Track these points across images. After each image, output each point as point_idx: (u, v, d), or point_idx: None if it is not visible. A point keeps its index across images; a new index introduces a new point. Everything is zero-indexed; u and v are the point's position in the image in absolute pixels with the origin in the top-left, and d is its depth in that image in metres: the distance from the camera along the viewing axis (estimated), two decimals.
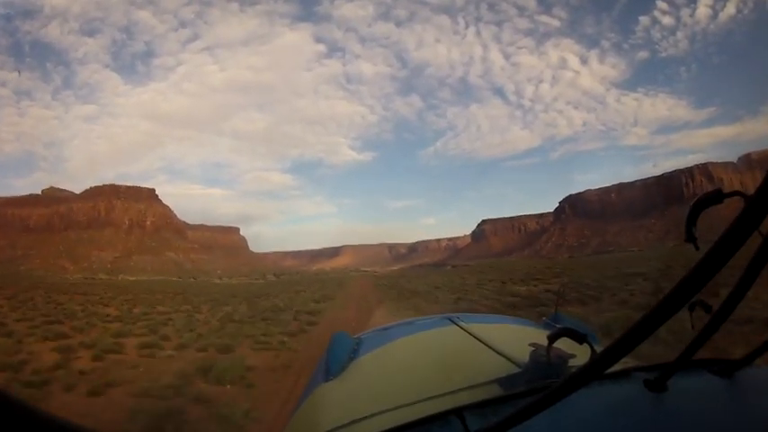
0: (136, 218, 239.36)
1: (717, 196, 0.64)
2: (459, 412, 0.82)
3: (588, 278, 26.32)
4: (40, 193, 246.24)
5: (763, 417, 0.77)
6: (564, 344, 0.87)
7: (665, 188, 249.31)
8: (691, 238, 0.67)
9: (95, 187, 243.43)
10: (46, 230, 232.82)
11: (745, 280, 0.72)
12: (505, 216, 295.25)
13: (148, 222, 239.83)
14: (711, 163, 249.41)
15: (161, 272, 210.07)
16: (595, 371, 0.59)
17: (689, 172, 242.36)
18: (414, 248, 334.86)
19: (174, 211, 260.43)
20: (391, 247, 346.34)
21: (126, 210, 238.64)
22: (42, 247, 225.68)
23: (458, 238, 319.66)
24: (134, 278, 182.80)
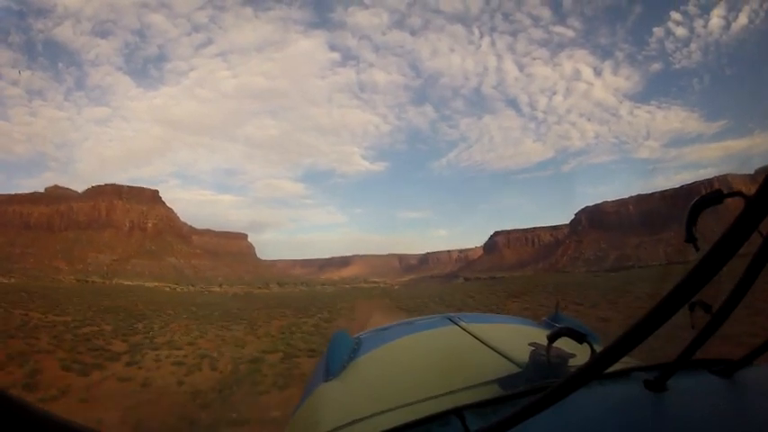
0: (137, 220, 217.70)
1: (717, 196, 0.63)
2: (459, 412, 0.79)
3: None
4: (43, 191, 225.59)
5: (763, 417, 0.74)
6: (564, 344, 0.84)
7: (685, 200, 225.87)
8: (691, 238, 0.65)
9: (97, 186, 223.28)
10: (46, 229, 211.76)
11: (746, 280, 0.70)
12: (518, 228, 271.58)
13: (150, 225, 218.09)
14: (731, 175, 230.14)
15: (159, 277, 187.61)
16: (595, 371, 0.56)
17: (709, 183, 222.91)
18: (424, 260, 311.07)
19: (185, 216, 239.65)
20: (401, 257, 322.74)
21: (127, 211, 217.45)
22: (41, 247, 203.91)
23: (469, 249, 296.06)
24: (130, 283, 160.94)
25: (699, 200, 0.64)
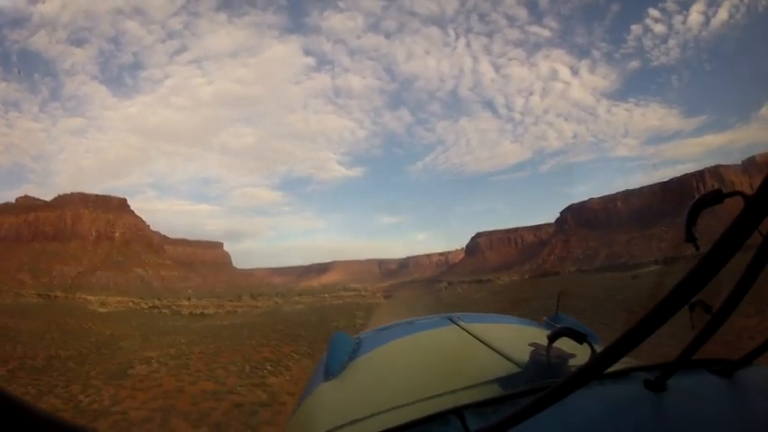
0: (104, 229, 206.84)
1: (717, 196, 0.60)
2: (459, 412, 0.76)
3: None
4: (14, 201, 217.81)
5: (763, 417, 0.72)
6: (564, 344, 0.82)
7: (675, 193, 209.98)
8: (691, 238, 0.63)
9: (63, 195, 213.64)
10: (14, 240, 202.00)
11: (746, 280, 0.68)
12: (501, 228, 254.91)
13: (117, 234, 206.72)
14: (722, 166, 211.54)
15: (124, 290, 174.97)
16: (595, 371, 0.55)
17: (700, 175, 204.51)
18: (404, 264, 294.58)
19: (164, 228, 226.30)
20: (381, 262, 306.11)
21: (94, 220, 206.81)
22: (7, 259, 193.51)
23: (449, 252, 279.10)
24: (93, 297, 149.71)
25: (699, 199, 0.62)
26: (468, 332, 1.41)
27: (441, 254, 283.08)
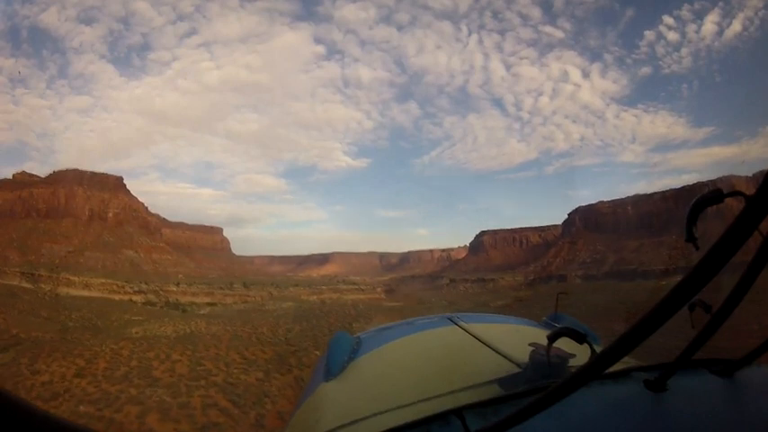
0: (97, 208, 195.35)
1: (717, 196, 0.60)
2: (459, 412, 0.76)
3: None
4: (11, 177, 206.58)
5: (763, 417, 0.71)
6: (564, 344, 0.81)
7: (687, 201, 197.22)
8: (691, 238, 0.63)
9: (58, 171, 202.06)
10: (8, 217, 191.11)
11: (746, 280, 0.66)
12: (505, 228, 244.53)
13: (110, 214, 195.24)
14: (734, 176, 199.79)
15: (112, 273, 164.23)
16: (595, 371, 0.54)
17: (712, 185, 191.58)
18: (405, 258, 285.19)
19: (165, 211, 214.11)
20: (382, 256, 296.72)
21: (88, 198, 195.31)
22: None
23: (452, 249, 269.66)
24: (78, 278, 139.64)
25: (699, 199, 0.61)
26: (468, 332, 1.39)
27: (443, 250, 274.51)
